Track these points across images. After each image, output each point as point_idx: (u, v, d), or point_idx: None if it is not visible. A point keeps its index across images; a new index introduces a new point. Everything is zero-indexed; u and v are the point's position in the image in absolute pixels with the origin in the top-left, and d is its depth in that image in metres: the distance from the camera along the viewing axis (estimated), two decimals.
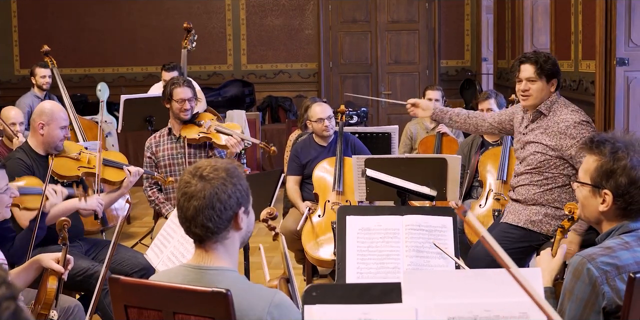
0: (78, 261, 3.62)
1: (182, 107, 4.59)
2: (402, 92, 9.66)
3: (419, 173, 3.49)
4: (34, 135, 3.88)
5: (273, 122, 9.51)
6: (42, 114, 3.84)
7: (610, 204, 2.17)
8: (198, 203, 1.95)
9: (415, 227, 2.93)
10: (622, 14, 5.39)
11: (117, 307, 2.15)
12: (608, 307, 2.07)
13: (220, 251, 2.03)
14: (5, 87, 9.65)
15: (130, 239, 6.12)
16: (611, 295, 2.05)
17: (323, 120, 4.87)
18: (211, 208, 1.95)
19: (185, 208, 1.98)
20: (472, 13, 9.68)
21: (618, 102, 5.47)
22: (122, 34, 9.77)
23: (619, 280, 2.06)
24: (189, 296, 2.04)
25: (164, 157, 4.65)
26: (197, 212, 1.96)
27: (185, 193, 1.99)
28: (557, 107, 3.51)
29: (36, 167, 3.80)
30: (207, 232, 1.98)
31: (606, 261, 2.07)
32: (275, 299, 1.96)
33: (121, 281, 2.14)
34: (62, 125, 3.86)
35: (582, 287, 2.07)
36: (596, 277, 2.06)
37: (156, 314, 2.09)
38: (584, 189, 2.25)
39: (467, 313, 1.73)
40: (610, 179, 2.16)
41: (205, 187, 1.96)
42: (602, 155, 2.19)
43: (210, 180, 1.97)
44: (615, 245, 2.12)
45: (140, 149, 4.90)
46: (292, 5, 9.70)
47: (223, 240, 2.02)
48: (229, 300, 1.95)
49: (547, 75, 3.49)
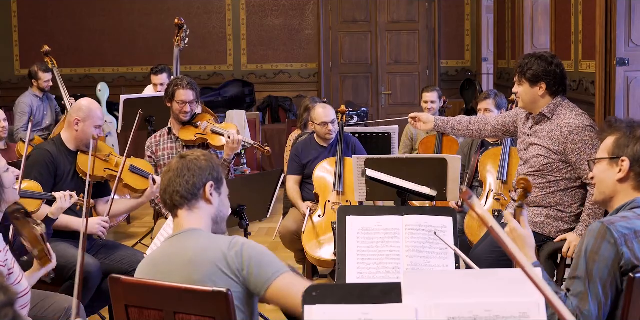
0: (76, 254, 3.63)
1: (182, 109, 4.58)
2: (402, 92, 9.66)
3: (419, 173, 3.49)
4: (68, 130, 3.89)
5: (273, 122, 9.51)
6: (80, 111, 3.85)
7: (627, 171, 2.30)
8: (172, 174, 2.30)
9: (415, 227, 2.93)
10: (622, 14, 5.39)
11: (117, 306, 2.15)
12: (625, 267, 2.18)
13: (190, 217, 2.29)
14: (5, 87, 9.65)
15: (130, 239, 6.12)
16: (629, 256, 2.18)
17: (327, 125, 4.86)
18: (182, 176, 2.28)
19: (162, 182, 2.32)
20: (472, 13, 9.68)
21: (618, 102, 5.47)
22: (122, 34, 9.77)
23: (637, 243, 2.19)
24: (190, 296, 2.04)
25: (164, 157, 4.65)
26: (169, 181, 2.30)
27: (164, 171, 2.34)
28: (560, 110, 3.49)
29: (62, 162, 3.80)
30: (178, 197, 2.28)
31: (625, 225, 2.20)
32: (236, 238, 2.22)
33: (122, 281, 2.14)
34: (97, 124, 3.87)
35: (609, 247, 2.19)
36: (616, 238, 2.18)
37: (157, 314, 2.09)
38: (601, 165, 2.38)
39: (467, 313, 1.73)
40: (627, 148, 2.31)
41: (180, 162, 2.32)
42: (620, 130, 2.34)
43: (186, 157, 2.33)
44: (631, 215, 2.26)
45: (140, 149, 4.89)
46: (292, 5, 9.70)
47: (193, 209, 2.29)
48: (230, 299, 1.95)
49: (528, 79, 3.48)
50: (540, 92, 3.48)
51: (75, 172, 3.83)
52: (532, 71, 3.47)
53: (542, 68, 3.46)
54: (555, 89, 3.49)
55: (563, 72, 3.51)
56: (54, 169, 3.75)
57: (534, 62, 3.47)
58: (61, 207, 3.39)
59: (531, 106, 3.55)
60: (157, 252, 2.34)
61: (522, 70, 3.49)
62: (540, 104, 3.51)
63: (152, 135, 4.80)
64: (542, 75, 3.46)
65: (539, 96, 3.49)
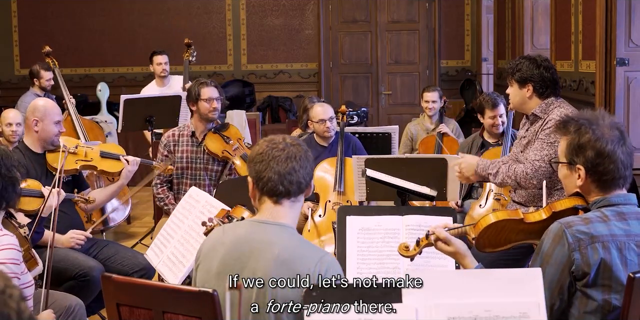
0: (79, 257, 3.64)
1: (211, 106, 4.51)
2: (402, 92, 9.66)
3: (419, 173, 3.49)
4: (29, 133, 3.89)
5: (273, 122, 9.51)
6: (35, 111, 3.85)
7: (585, 178, 2.28)
8: (296, 163, 2.21)
9: (415, 227, 2.93)
10: (622, 14, 5.40)
11: (109, 305, 2.17)
12: (575, 273, 2.18)
13: (288, 211, 2.24)
14: (5, 87, 9.65)
15: (130, 239, 6.12)
16: (580, 262, 2.17)
17: (325, 122, 4.86)
18: (304, 168, 2.22)
19: (281, 166, 2.20)
20: (472, 13, 9.68)
21: (618, 102, 5.48)
22: (122, 34, 9.77)
23: (591, 249, 2.17)
24: (177, 296, 2.06)
25: (182, 159, 4.59)
26: (294, 170, 2.20)
27: (276, 155, 2.21)
28: (553, 109, 3.49)
29: (32, 167, 3.80)
30: (297, 188, 2.21)
31: (581, 230, 2.19)
32: (326, 257, 2.15)
33: (113, 279, 2.15)
34: (56, 120, 3.86)
35: (562, 251, 2.19)
36: (570, 243, 2.17)
37: (147, 313, 2.11)
38: (562, 169, 2.37)
39: (467, 313, 1.74)
40: (579, 154, 2.28)
41: (298, 151, 2.23)
42: (569, 134, 2.32)
43: (297, 145, 2.24)
44: (593, 217, 2.23)
45: (140, 149, 4.89)
46: (292, 5, 9.70)
47: (296, 202, 2.25)
48: (216, 300, 1.97)
49: (517, 80, 3.50)
50: (528, 93, 3.50)
51: (48, 172, 3.82)
52: (520, 73, 3.49)
53: (530, 70, 3.48)
54: (542, 91, 3.49)
55: (553, 75, 3.50)
56: (25, 176, 3.73)
57: (522, 64, 3.50)
58: (50, 205, 3.37)
59: (521, 107, 3.57)
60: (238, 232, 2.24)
61: (512, 72, 3.52)
62: (530, 106, 3.52)
63: (169, 133, 4.68)
64: (529, 77, 3.48)
65: (527, 98, 3.51)
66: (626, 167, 2.27)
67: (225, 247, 2.21)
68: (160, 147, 4.65)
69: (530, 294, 1.76)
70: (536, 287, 1.78)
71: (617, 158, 2.24)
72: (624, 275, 2.15)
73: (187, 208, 3.26)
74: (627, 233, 2.20)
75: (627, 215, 2.24)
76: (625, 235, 2.20)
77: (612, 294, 2.16)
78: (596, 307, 2.17)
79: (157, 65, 6.86)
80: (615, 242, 2.18)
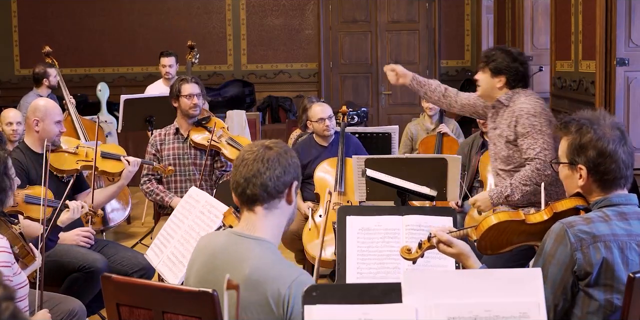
0: (81, 251, 3.64)
1: (191, 102, 4.59)
2: (402, 92, 9.65)
3: (419, 173, 3.49)
4: (29, 133, 3.89)
5: (273, 122, 9.52)
6: (36, 111, 3.85)
7: (586, 178, 2.28)
8: (262, 164, 2.08)
9: (415, 227, 2.93)
10: (622, 14, 5.40)
11: (109, 305, 2.17)
12: (577, 272, 2.18)
13: (266, 220, 2.12)
14: (5, 87, 9.65)
15: (130, 239, 6.12)
16: (582, 261, 2.17)
17: (324, 120, 4.86)
18: (272, 169, 2.08)
19: (247, 169, 2.09)
20: (472, 13, 9.68)
21: (618, 102, 5.48)
22: (122, 34, 9.77)
23: (593, 248, 2.17)
24: (177, 296, 2.06)
25: (169, 156, 4.65)
26: (258, 172, 2.08)
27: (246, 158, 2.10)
28: (517, 97, 3.49)
29: (33, 166, 3.80)
30: (263, 192, 2.08)
31: (583, 229, 2.19)
32: (301, 277, 2.01)
33: (113, 279, 2.15)
34: (57, 120, 3.87)
35: (565, 251, 2.19)
36: (572, 242, 2.17)
37: (146, 313, 2.11)
38: (563, 169, 2.37)
39: (467, 313, 1.74)
40: (581, 154, 2.28)
41: (269, 153, 2.10)
42: (570, 134, 2.31)
43: (274, 148, 2.12)
44: (595, 217, 2.23)
45: (140, 149, 4.90)
46: (292, 5, 9.70)
47: (273, 209, 2.12)
48: (216, 300, 1.96)
49: (491, 69, 3.50)
50: (499, 84, 3.51)
51: (50, 173, 3.82)
52: (495, 63, 3.50)
53: (506, 62, 3.49)
54: (514, 84, 3.51)
55: (526, 70, 3.54)
56: (26, 176, 3.74)
57: (499, 55, 3.51)
58: (71, 218, 3.40)
59: (488, 94, 3.57)
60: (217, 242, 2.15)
61: (487, 60, 3.53)
62: (497, 94, 3.54)
63: (155, 133, 4.77)
64: (504, 69, 3.49)
65: (497, 88, 3.52)
66: (627, 166, 2.28)
67: (203, 258, 2.17)
68: (148, 147, 4.71)
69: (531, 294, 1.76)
70: (536, 287, 1.78)
71: (619, 158, 2.25)
72: (625, 275, 2.15)
73: (187, 208, 3.26)
74: (629, 233, 2.20)
75: (629, 215, 2.24)
76: (626, 235, 2.20)
77: (614, 294, 2.16)
78: (598, 307, 2.17)
79: (162, 67, 6.84)
80: (617, 242, 2.18)
